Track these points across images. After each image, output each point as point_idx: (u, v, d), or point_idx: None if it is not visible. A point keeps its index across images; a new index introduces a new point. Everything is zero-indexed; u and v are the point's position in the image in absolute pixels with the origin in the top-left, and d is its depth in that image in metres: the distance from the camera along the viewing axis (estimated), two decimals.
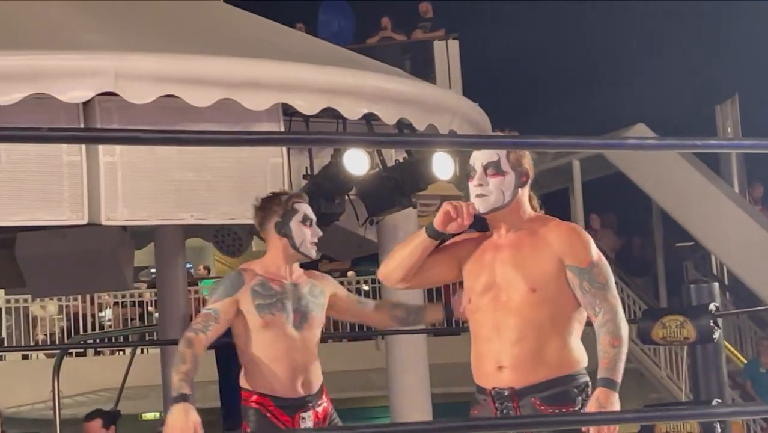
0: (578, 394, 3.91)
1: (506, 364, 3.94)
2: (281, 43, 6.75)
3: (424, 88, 6.87)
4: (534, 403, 3.95)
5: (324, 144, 5.39)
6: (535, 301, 3.89)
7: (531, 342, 3.92)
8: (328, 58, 6.45)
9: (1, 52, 5.45)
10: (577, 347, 3.93)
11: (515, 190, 3.86)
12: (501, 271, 3.91)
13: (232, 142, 3.49)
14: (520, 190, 3.87)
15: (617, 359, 3.81)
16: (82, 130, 5.19)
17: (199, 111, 5.50)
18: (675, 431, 6.37)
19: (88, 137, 3.99)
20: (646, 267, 15.26)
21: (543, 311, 3.90)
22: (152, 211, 5.78)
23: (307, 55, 6.33)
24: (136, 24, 6.36)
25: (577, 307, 3.89)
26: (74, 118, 5.44)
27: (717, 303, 6.56)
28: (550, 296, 3.89)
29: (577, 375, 3.92)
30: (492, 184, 3.78)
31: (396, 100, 6.06)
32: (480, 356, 4.00)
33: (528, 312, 3.90)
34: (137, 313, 14.65)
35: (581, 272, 3.83)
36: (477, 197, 3.85)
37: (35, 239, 7.75)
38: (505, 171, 3.77)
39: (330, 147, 5.85)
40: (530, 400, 3.95)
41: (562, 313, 3.90)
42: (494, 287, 3.92)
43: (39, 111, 5.40)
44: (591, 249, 3.89)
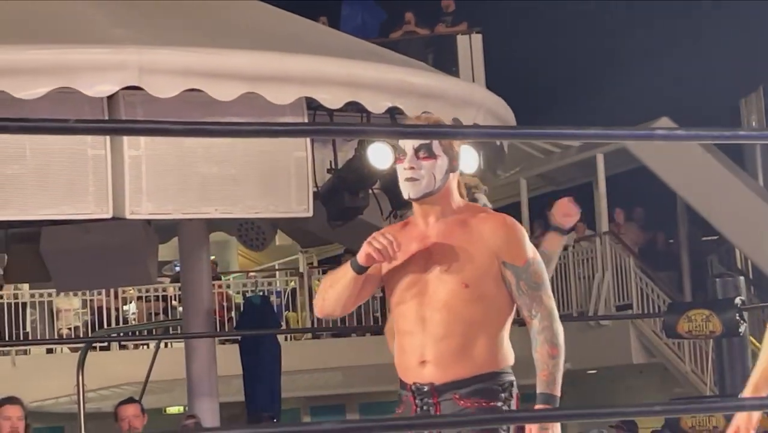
0: (501, 391, 3.79)
1: (429, 359, 3.80)
2: (305, 36, 6.79)
3: (448, 81, 6.88)
4: (455, 399, 3.81)
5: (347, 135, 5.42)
6: (468, 297, 3.74)
7: (458, 338, 3.79)
8: (352, 52, 6.46)
9: (26, 46, 5.62)
10: (507, 345, 3.82)
11: (446, 175, 3.70)
12: (429, 263, 3.76)
13: (258, 133, 3.38)
14: (450, 175, 3.73)
15: (556, 371, 3.72)
16: (109, 121, 5.31)
17: (224, 105, 5.54)
18: (700, 424, 6.37)
19: (116, 129, 3.98)
20: (671, 261, 15.14)
21: (475, 308, 3.76)
22: (177, 205, 5.78)
23: (331, 49, 6.33)
24: (161, 18, 6.36)
25: (512, 305, 3.78)
26: (99, 112, 5.48)
27: (743, 297, 6.62)
28: (484, 293, 3.75)
29: (502, 373, 3.82)
30: (424, 168, 3.62)
31: (420, 93, 6.04)
32: (403, 351, 3.86)
33: (458, 307, 3.76)
34: (161, 307, 14.73)
35: (518, 271, 3.70)
36: (407, 181, 3.67)
37: (60, 233, 7.76)
38: (437, 154, 3.61)
39: (354, 138, 5.84)
40: (451, 396, 3.81)
41: (495, 311, 3.77)
42: (421, 280, 3.76)
43: (63, 105, 5.50)
44: (527, 246, 3.75)
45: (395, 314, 3.87)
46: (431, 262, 3.75)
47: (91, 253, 7.84)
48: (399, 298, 3.82)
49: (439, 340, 3.78)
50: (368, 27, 13.66)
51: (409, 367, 3.83)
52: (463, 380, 3.79)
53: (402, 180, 3.69)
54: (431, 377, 3.78)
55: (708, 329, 6.54)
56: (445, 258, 3.74)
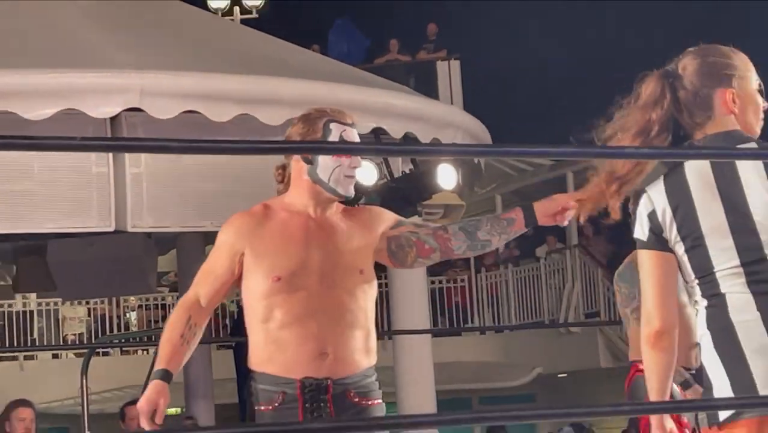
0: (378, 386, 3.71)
1: (330, 351, 3.60)
2: (294, 61, 6.94)
3: (428, 104, 7.08)
4: (348, 395, 3.63)
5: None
6: (362, 282, 3.65)
7: (361, 329, 3.66)
8: (339, 76, 6.65)
9: (34, 70, 5.73)
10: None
11: None
12: (324, 250, 3.63)
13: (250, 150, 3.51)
14: None
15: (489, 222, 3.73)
16: (113, 139, 5.47)
17: (219, 126, 5.73)
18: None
19: (118, 146, 4.12)
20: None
21: (369, 294, 3.68)
22: (175, 219, 5.99)
23: (320, 74, 6.56)
24: (160, 44, 6.56)
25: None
26: (102, 132, 5.69)
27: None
28: (372, 278, 3.70)
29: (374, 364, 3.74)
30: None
31: (402, 115, 6.25)
32: (289, 343, 3.62)
33: (358, 294, 3.64)
34: (160, 315, 14.99)
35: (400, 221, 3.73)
36: (347, 178, 3.61)
37: (65, 246, 7.94)
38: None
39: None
40: (345, 392, 3.63)
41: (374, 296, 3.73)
42: (317, 267, 3.62)
43: (68, 125, 5.65)
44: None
45: (277, 303, 3.60)
46: (325, 249, 3.65)
47: (95, 264, 7.98)
48: (289, 285, 3.60)
49: (349, 329, 3.64)
50: (353, 54, 14.07)
51: (299, 361, 3.59)
52: (357, 374, 3.67)
53: (342, 176, 3.61)
54: (329, 371, 3.59)
55: None
56: (340, 245, 3.66)
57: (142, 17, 7.24)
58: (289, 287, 3.54)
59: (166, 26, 7.26)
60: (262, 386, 3.61)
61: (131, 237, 7.15)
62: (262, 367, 3.61)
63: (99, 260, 7.88)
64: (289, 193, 3.66)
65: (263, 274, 3.56)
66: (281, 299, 3.53)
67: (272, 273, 3.55)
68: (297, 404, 3.57)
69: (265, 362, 3.61)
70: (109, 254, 7.87)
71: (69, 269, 8.13)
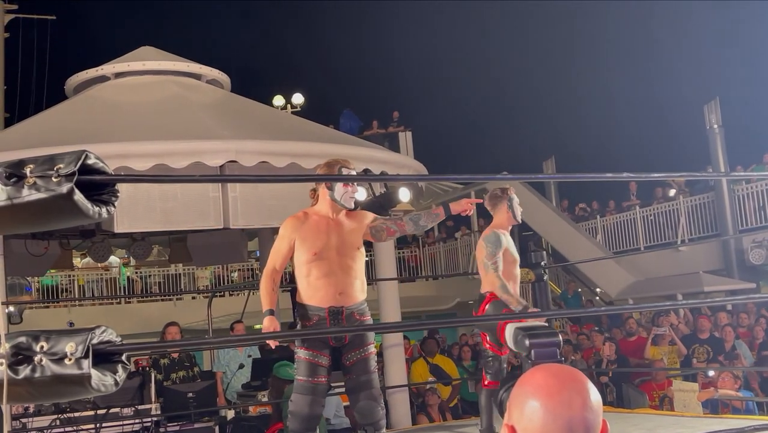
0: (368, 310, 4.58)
1: (342, 291, 4.40)
2: (320, 133, 8.16)
3: (394, 155, 8.45)
4: (354, 315, 4.48)
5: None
6: (359, 253, 4.52)
7: (359, 279, 4.49)
8: (345, 141, 8.00)
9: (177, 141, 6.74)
10: None
11: None
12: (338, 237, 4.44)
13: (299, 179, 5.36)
14: None
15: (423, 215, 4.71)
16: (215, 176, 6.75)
17: (278, 169, 6.72)
18: None
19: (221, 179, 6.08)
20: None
21: (362, 260, 4.54)
22: (256, 220, 7.01)
23: (334, 139, 7.87)
24: (246, 124, 7.57)
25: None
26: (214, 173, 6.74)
27: (545, 261, 7.98)
28: (363, 252, 4.56)
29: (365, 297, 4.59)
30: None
31: (380, 161, 7.45)
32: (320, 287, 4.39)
33: (357, 260, 4.48)
34: (250, 274, 19.01)
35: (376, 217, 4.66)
36: (350, 198, 4.49)
37: (197, 236, 9.27)
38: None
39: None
40: (351, 313, 4.46)
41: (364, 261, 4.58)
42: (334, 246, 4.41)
43: (196, 171, 6.50)
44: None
45: (314, 266, 4.40)
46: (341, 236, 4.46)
47: (213, 245, 9.33)
48: (319, 255, 4.39)
49: (353, 280, 4.44)
50: (353, 129, 17.48)
51: (326, 297, 4.40)
52: (358, 303, 4.49)
53: (347, 197, 4.47)
54: (342, 302, 4.41)
55: (528, 278, 7.78)
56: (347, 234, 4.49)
57: (236, 110, 8.24)
58: (320, 257, 4.42)
59: (250, 115, 8.15)
60: (306, 311, 4.47)
61: (232, 231, 8.00)
62: (305, 300, 4.50)
63: (215, 243, 9.19)
64: (318, 205, 4.59)
65: (306, 250, 4.45)
66: (316, 264, 4.42)
67: (311, 250, 4.43)
68: (326, 321, 4.41)
69: (307, 298, 4.47)
70: (220, 240, 9.10)
71: (199, 248, 9.42)
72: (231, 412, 7.85)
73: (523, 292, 15.69)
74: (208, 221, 6.87)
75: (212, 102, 8.22)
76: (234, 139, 6.85)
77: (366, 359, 4.51)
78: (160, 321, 8.66)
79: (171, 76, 8.55)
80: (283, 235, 4.46)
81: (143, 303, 19.43)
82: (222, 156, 6.65)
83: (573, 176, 4.34)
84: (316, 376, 4.44)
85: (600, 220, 17.75)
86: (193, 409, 7.08)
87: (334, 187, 4.38)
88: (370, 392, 4.48)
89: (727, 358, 9.60)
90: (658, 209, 16.71)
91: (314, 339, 4.45)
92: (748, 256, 14.95)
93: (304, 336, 4.43)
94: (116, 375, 2.29)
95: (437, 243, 19.91)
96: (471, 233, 18.54)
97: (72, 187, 2.16)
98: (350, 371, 4.52)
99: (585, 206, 19.11)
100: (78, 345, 2.18)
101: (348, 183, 4.39)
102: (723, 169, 15.36)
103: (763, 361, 9.61)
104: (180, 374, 7.90)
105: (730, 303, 12.51)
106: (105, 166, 2.30)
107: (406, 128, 18.53)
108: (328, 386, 4.54)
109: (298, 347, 4.52)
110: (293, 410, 4.51)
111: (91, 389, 2.21)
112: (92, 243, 9.28)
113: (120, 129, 7.08)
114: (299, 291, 4.48)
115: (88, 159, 2.26)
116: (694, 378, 9.00)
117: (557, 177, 12.84)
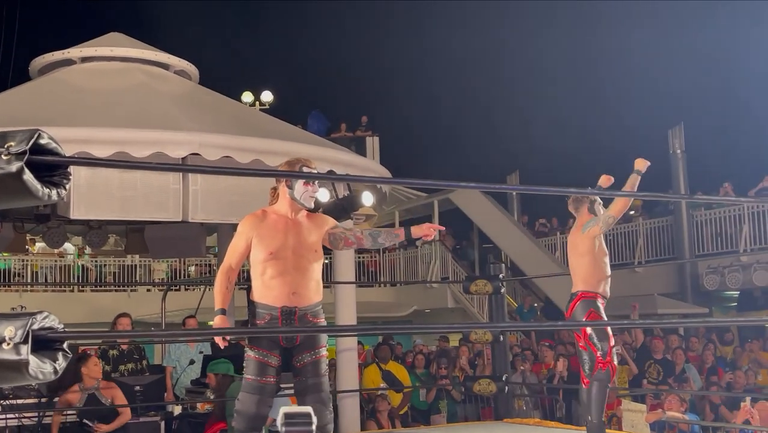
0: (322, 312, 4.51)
1: (296, 291, 4.37)
2: (287, 132, 8.04)
3: (359, 158, 8.46)
4: (306, 316, 4.43)
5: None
6: (316, 256, 4.47)
7: (313, 279, 4.45)
8: (312, 141, 7.85)
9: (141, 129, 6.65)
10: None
11: None
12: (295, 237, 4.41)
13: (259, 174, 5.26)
14: None
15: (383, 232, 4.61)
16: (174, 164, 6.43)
17: (241, 165, 6.61)
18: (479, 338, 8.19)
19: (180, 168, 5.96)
20: (469, 255, 19.78)
21: (319, 262, 4.50)
22: (216, 215, 6.89)
23: (301, 139, 7.72)
24: (212, 119, 7.45)
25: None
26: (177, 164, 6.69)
27: (503, 274, 8.14)
28: (321, 255, 4.52)
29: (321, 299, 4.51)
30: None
31: (346, 164, 7.40)
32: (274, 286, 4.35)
33: (312, 262, 4.43)
34: (207, 270, 19.04)
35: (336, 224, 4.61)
36: (310, 198, 4.47)
37: (155, 227, 9.04)
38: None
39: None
40: (305, 314, 4.41)
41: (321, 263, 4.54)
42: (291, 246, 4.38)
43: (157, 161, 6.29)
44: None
45: (269, 265, 4.37)
46: (298, 236, 4.42)
47: (171, 238, 9.03)
48: (275, 255, 4.35)
49: (307, 281, 4.42)
50: (320, 130, 17.53)
51: (279, 296, 4.36)
52: (312, 304, 4.44)
53: (307, 196, 4.43)
54: (296, 303, 4.38)
55: (485, 290, 7.88)
56: (305, 235, 4.45)
57: (203, 103, 8.14)
58: (275, 257, 4.36)
59: (216, 108, 8.03)
60: (259, 309, 4.41)
61: (191, 224, 7.87)
62: (258, 299, 4.45)
63: (173, 236, 8.94)
64: (277, 204, 4.53)
65: (262, 249, 4.40)
66: (271, 263, 4.37)
67: (268, 249, 4.38)
68: (278, 321, 4.35)
69: (260, 296, 4.42)
70: (179, 233, 8.86)
71: (157, 240, 9.19)
72: (178, 408, 7.78)
73: (480, 303, 16.58)
74: (166, 213, 6.76)
75: (179, 93, 8.12)
76: (198, 131, 6.78)
77: (317, 362, 4.48)
78: (113, 311, 8.57)
79: (138, 64, 8.42)
80: (240, 232, 4.45)
81: (97, 292, 19.28)
82: (185, 148, 6.58)
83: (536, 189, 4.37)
84: (265, 376, 4.42)
85: (560, 237, 17.83)
86: (139, 402, 7.03)
87: (294, 186, 4.36)
88: (318, 396, 4.46)
89: (676, 381, 9.69)
90: (617, 229, 16.85)
91: (265, 338, 4.43)
92: (702, 281, 15.15)
93: (255, 334, 4.41)
94: (56, 363, 2.24)
95: (398, 250, 19.88)
96: (432, 242, 18.56)
97: (22, 166, 2.11)
98: (300, 373, 4.50)
99: (545, 221, 19.25)
100: (17, 330, 2.14)
101: (309, 182, 4.37)
102: (684, 193, 15.65)
103: (710, 385, 9.75)
104: (129, 366, 7.84)
105: (682, 326, 12.73)
106: (58, 147, 2.27)
107: (374, 133, 18.67)
108: (276, 386, 4.51)
109: (248, 346, 4.50)
110: (239, 409, 4.48)
111: (29, 376, 2.16)
112: (47, 228, 9.16)
113: (82, 114, 6.97)
114: (253, 289, 4.46)
115: (41, 139, 2.22)
116: (642, 399, 9.08)
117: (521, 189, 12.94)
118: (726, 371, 10.44)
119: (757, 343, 11.73)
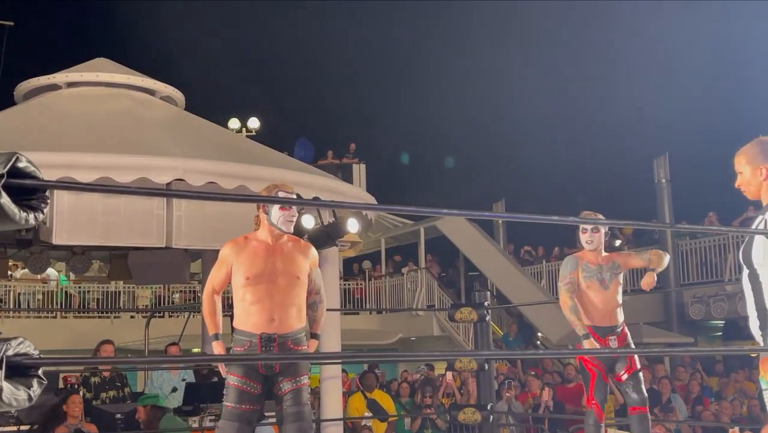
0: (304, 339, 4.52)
1: (276, 318, 4.36)
2: (274, 158, 7.96)
3: (345, 186, 8.17)
4: (287, 343, 4.40)
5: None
6: (298, 282, 4.47)
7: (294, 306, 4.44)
8: (298, 168, 7.73)
9: (125, 155, 6.54)
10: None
11: None
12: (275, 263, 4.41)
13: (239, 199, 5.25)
14: None
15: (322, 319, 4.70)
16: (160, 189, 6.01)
17: (226, 191, 6.51)
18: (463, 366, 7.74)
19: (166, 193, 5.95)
20: (454, 283, 19.79)
21: (302, 289, 4.49)
22: (200, 241, 6.80)
23: (288, 165, 7.64)
24: (198, 145, 7.39)
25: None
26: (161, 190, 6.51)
27: (488, 302, 7.92)
28: (304, 281, 4.51)
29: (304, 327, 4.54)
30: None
31: (331, 190, 7.31)
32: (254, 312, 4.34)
33: (295, 288, 4.43)
34: (192, 297, 18.92)
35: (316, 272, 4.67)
36: (288, 222, 4.48)
37: (139, 253, 9.01)
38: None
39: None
40: (285, 342, 4.37)
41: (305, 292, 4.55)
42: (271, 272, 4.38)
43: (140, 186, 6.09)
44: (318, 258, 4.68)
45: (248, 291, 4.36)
46: (277, 262, 4.41)
47: (155, 264, 9.03)
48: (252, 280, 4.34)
49: (288, 307, 4.39)
50: (307, 157, 17.62)
51: (259, 323, 4.35)
52: (293, 331, 4.43)
53: (283, 219, 4.44)
54: (276, 330, 4.35)
55: (471, 317, 7.74)
56: (286, 261, 4.46)
57: (188, 128, 8.09)
58: (254, 282, 4.38)
59: (201, 134, 8.00)
60: (238, 336, 4.45)
61: (175, 251, 7.87)
62: (238, 326, 4.47)
63: (157, 262, 8.94)
64: (259, 231, 4.60)
65: (241, 275, 4.45)
66: (250, 289, 4.38)
67: (246, 274, 4.42)
68: (257, 348, 4.35)
69: (240, 323, 4.44)
70: (162, 259, 8.87)
71: (140, 266, 9.15)
72: None
73: (466, 331, 16.35)
74: (150, 239, 6.71)
75: (164, 118, 8.10)
76: (183, 157, 6.76)
77: (298, 390, 4.44)
78: (96, 338, 8.49)
79: (124, 89, 8.41)
80: (221, 258, 4.50)
81: (79, 319, 19.09)
82: (169, 173, 6.55)
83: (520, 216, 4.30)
84: (243, 403, 4.37)
85: (545, 265, 17.82)
86: (120, 431, 6.94)
87: (271, 211, 4.40)
88: (300, 424, 4.41)
89: (662, 410, 9.65)
90: None
91: (244, 366, 4.38)
92: (688, 310, 15.14)
93: (235, 361, 4.36)
94: (30, 390, 2.18)
95: (384, 277, 19.95)
96: (418, 270, 18.78)
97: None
98: (281, 401, 4.46)
99: (531, 249, 19.28)
100: None
101: (285, 206, 4.38)
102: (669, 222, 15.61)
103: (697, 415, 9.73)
104: (110, 394, 7.78)
105: (667, 356, 12.67)
106: (36, 170, 2.21)
107: (361, 161, 18.88)
108: (257, 414, 4.46)
109: (228, 373, 4.45)
110: None
111: (2, 403, 2.10)
112: (30, 254, 9.11)
113: (67, 139, 6.96)
114: (235, 316, 4.47)
115: (19, 162, 2.17)
116: (628, 428, 8.98)
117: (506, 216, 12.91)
118: (712, 401, 10.40)
119: (743, 373, 11.70)
